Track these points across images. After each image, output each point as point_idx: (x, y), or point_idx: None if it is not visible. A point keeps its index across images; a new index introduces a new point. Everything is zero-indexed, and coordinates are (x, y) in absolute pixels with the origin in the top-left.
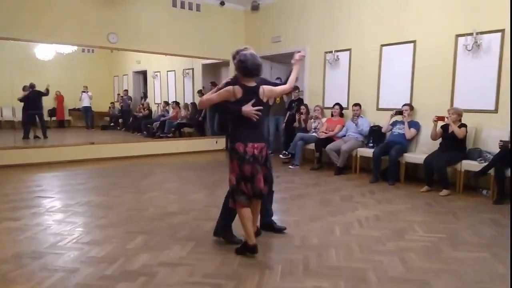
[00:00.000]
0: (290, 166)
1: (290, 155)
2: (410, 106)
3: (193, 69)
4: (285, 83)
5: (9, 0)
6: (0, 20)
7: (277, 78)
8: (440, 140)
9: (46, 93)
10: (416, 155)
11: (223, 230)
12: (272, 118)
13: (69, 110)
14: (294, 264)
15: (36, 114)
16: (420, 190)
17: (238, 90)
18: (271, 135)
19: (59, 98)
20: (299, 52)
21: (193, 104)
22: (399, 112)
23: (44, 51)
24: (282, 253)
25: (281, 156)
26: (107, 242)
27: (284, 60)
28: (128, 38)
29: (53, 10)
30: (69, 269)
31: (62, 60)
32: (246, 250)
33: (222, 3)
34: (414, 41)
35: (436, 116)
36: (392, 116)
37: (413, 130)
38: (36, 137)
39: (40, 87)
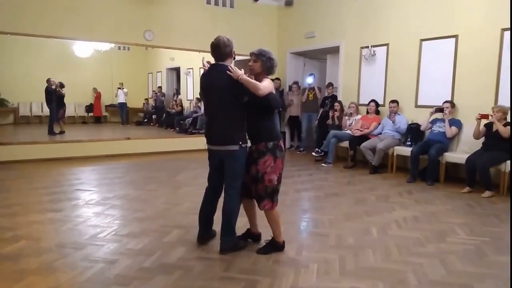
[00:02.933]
0: (323, 164)
1: (323, 153)
2: (451, 103)
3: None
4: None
5: (56, 2)
6: (39, 18)
7: (311, 74)
8: (483, 139)
9: (53, 90)
10: (457, 155)
11: (236, 243)
12: (304, 115)
13: (106, 106)
14: (330, 263)
15: (49, 109)
16: (461, 191)
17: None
18: (303, 132)
19: (97, 95)
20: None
21: None
22: (440, 110)
23: (83, 49)
24: (317, 252)
25: (313, 154)
26: (144, 235)
27: (318, 56)
28: (163, 35)
29: (90, 7)
30: (109, 260)
31: (99, 57)
32: (276, 248)
33: None
34: (456, 36)
35: (479, 113)
36: (432, 113)
37: (454, 129)
38: (60, 132)
39: (78, 84)
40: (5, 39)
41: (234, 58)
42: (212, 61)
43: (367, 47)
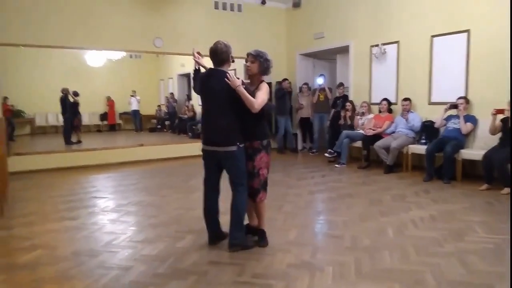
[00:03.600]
0: (336, 165)
1: (336, 154)
2: (466, 99)
3: (235, 69)
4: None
5: (59, 10)
6: (51, 30)
7: (321, 75)
8: (499, 134)
9: (67, 98)
10: (474, 151)
11: (246, 239)
12: (316, 116)
13: (120, 114)
14: (345, 266)
15: (63, 118)
16: (479, 188)
17: None
18: (315, 133)
19: (110, 103)
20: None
21: None
22: (454, 106)
23: (95, 58)
24: (332, 254)
25: (326, 154)
26: (158, 240)
27: (327, 56)
28: (172, 42)
29: (99, 17)
30: (124, 267)
31: (111, 66)
32: (264, 236)
33: (263, 2)
34: (467, 31)
35: (495, 109)
36: (446, 110)
37: (469, 125)
38: (77, 142)
39: (91, 93)
40: (19, 51)
41: (233, 61)
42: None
43: (377, 45)
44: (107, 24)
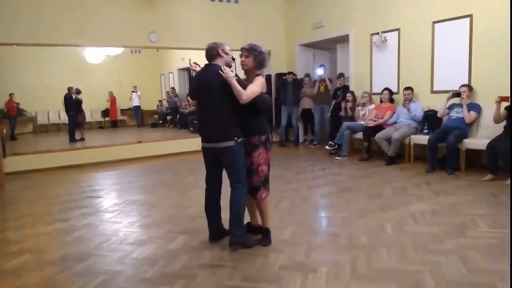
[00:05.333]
0: (337, 158)
1: (336, 146)
2: (469, 87)
3: (235, 61)
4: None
5: (55, 9)
6: (48, 28)
7: (321, 66)
8: (504, 122)
9: (70, 96)
10: (478, 140)
11: (246, 237)
12: (317, 108)
13: (122, 110)
14: (340, 266)
15: (68, 116)
16: (483, 179)
17: None
18: (316, 125)
19: (112, 99)
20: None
21: None
22: (457, 94)
23: (94, 55)
24: (327, 254)
25: (327, 147)
26: (149, 242)
27: (327, 46)
28: (168, 36)
29: (94, 14)
30: (111, 272)
31: (112, 62)
32: (268, 235)
33: None
34: (470, 15)
35: (499, 96)
36: (448, 98)
37: (473, 113)
38: (81, 139)
39: (92, 90)
40: (18, 50)
41: (234, 59)
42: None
43: (378, 33)
44: (100, 20)
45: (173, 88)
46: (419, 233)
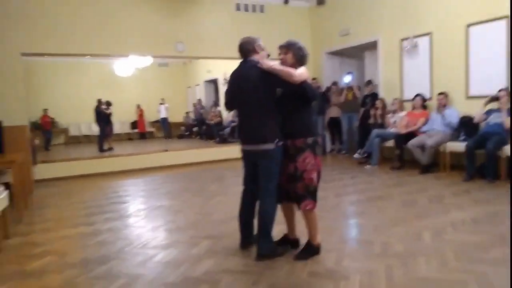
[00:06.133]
0: (367, 167)
1: (366, 155)
2: (508, 91)
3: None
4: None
5: (87, 20)
6: (79, 39)
7: (348, 73)
8: None
9: (101, 109)
10: None
11: (273, 249)
12: (344, 116)
13: (151, 122)
14: (374, 274)
15: (99, 127)
16: None
17: None
18: (344, 134)
19: (140, 112)
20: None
21: None
22: (495, 99)
23: (123, 68)
24: (360, 262)
25: (355, 155)
26: (172, 246)
27: (354, 54)
28: (194, 46)
29: (120, 23)
30: (132, 275)
31: (140, 75)
32: (313, 252)
33: (286, 1)
34: (507, 17)
35: None
36: (486, 103)
37: None
38: (109, 149)
39: (122, 102)
40: (52, 64)
41: (269, 56)
42: None
43: (408, 38)
44: (127, 30)
45: (199, 99)
46: (460, 241)
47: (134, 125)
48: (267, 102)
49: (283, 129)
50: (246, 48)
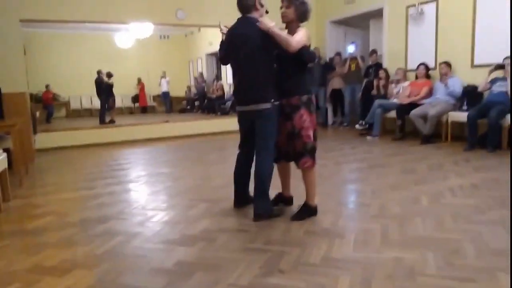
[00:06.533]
0: (368, 137)
1: (367, 125)
2: None
3: (268, 14)
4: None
5: None
6: (76, 5)
7: (352, 43)
8: None
9: (102, 80)
10: None
11: (270, 209)
12: (347, 88)
13: (153, 96)
14: (370, 233)
15: (100, 99)
16: None
17: None
18: (347, 106)
19: (141, 85)
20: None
21: None
22: (500, 67)
23: (124, 39)
24: (355, 222)
25: (357, 126)
26: (170, 208)
27: (360, 23)
28: (195, 14)
29: None
30: (130, 233)
31: (141, 48)
32: (310, 212)
33: None
34: None
35: None
36: (491, 71)
37: None
38: (111, 121)
39: (122, 76)
40: (52, 37)
41: (267, 12)
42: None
43: (414, 5)
44: None
45: (201, 73)
46: (457, 205)
47: (135, 99)
48: (265, 61)
49: (277, 88)
50: (247, 4)
